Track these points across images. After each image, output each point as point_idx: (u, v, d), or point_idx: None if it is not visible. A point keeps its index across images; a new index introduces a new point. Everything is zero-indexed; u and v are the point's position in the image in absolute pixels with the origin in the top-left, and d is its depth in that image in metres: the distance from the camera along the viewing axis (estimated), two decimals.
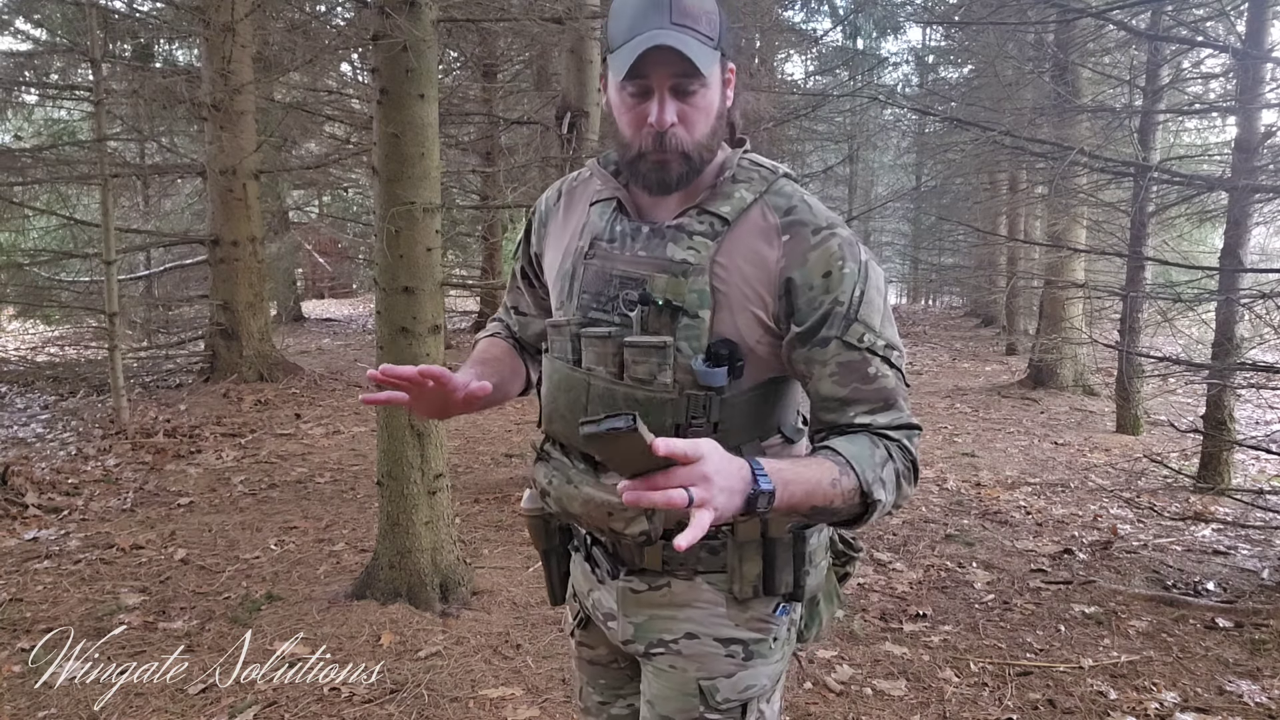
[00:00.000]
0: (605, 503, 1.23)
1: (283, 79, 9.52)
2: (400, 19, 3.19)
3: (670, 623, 1.31)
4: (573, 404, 1.28)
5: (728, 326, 1.19)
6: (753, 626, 1.29)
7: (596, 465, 1.27)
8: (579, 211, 1.36)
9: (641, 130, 1.17)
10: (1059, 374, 9.60)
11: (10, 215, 8.64)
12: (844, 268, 1.17)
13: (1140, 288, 6.39)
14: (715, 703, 1.28)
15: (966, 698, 2.88)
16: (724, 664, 1.29)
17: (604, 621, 1.40)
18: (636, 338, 1.20)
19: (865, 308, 1.18)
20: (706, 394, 1.18)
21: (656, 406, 1.19)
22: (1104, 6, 5.62)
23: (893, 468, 1.17)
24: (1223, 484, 5.36)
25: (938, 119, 11.38)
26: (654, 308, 1.19)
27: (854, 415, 1.19)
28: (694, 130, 1.17)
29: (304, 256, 16.11)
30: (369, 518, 4.59)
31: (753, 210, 1.22)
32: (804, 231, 1.19)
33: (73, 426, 6.71)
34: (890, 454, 1.17)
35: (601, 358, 1.24)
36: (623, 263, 1.24)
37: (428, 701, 2.78)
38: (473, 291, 15.30)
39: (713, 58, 1.15)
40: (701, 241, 1.20)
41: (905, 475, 1.19)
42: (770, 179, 1.25)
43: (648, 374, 1.20)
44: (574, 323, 1.28)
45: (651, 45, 1.10)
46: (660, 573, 1.30)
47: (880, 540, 4.48)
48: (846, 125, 15.31)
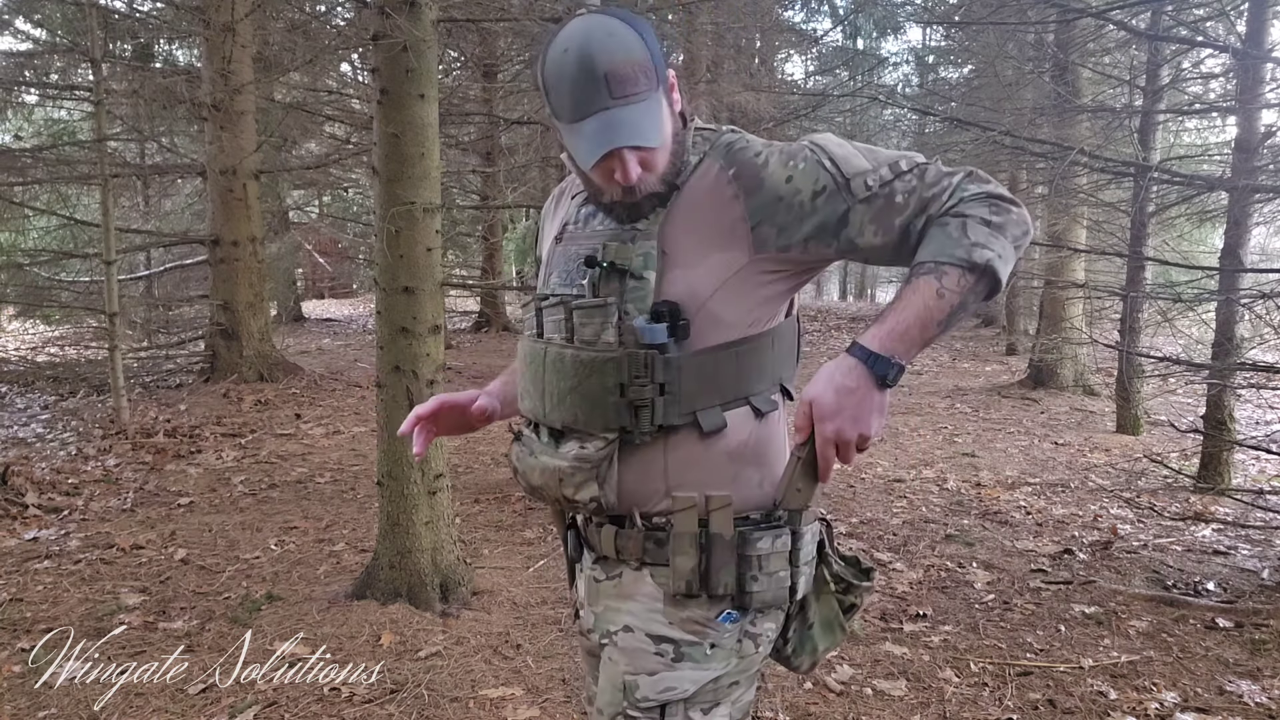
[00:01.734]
0: (557, 469, 1.27)
1: (283, 79, 9.52)
2: (400, 19, 3.19)
3: (616, 614, 1.31)
4: (535, 376, 1.32)
5: (678, 286, 1.22)
6: (687, 628, 1.25)
7: (559, 437, 1.29)
8: (563, 208, 1.42)
9: (610, 183, 1.23)
10: (1059, 374, 9.59)
11: (10, 215, 8.65)
12: (799, 164, 1.21)
13: (1140, 288, 6.38)
14: (634, 699, 1.26)
15: (966, 698, 2.88)
16: (650, 661, 1.26)
17: (581, 610, 1.42)
18: (582, 301, 1.25)
19: (845, 165, 1.20)
20: (649, 353, 1.20)
21: (599, 366, 1.22)
22: (1104, 6, 5.62)
23: (974, 225, 1.14)
24: (1223, 484, 5.36)
25: (938, 119, 11.38)
26: (601, 271, 1.23)
27: (916, 231, 1.19)
28: (657, 168, 1.23)
29: (304, 256, 16.11)
30: (369, 518, 4.59)
31: (699, 170, 1.26)
32: (747, 159, 1.24)
33: (73, 426, 6.71)
34: (964, 216, 1.15)
35: (556, 325, 1.29)
36: (583, 239, 1.30)
37: (428, 701, 2.79)
38: (473, 291, 15.31)
39: (659, 106, 1.20)
40: (652, 210, 1.25)
41: (993, 212, 1.16)
42: (713, 138, 1.29)
43: (593, 335, 1.24)
44: (539, 298, 1.34)
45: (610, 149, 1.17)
46: (616, 561, 1.31)
47: (880, 540, 4.48)
48: (846, 125, 15.30)
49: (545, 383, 1.29)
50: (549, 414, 1.29)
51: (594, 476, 1.24)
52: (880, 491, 5.49)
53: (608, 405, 1.21)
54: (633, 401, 1.21)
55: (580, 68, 1.15)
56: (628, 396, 1.20)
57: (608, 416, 1.22)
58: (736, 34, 9.18)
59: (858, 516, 4.86)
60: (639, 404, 1.20)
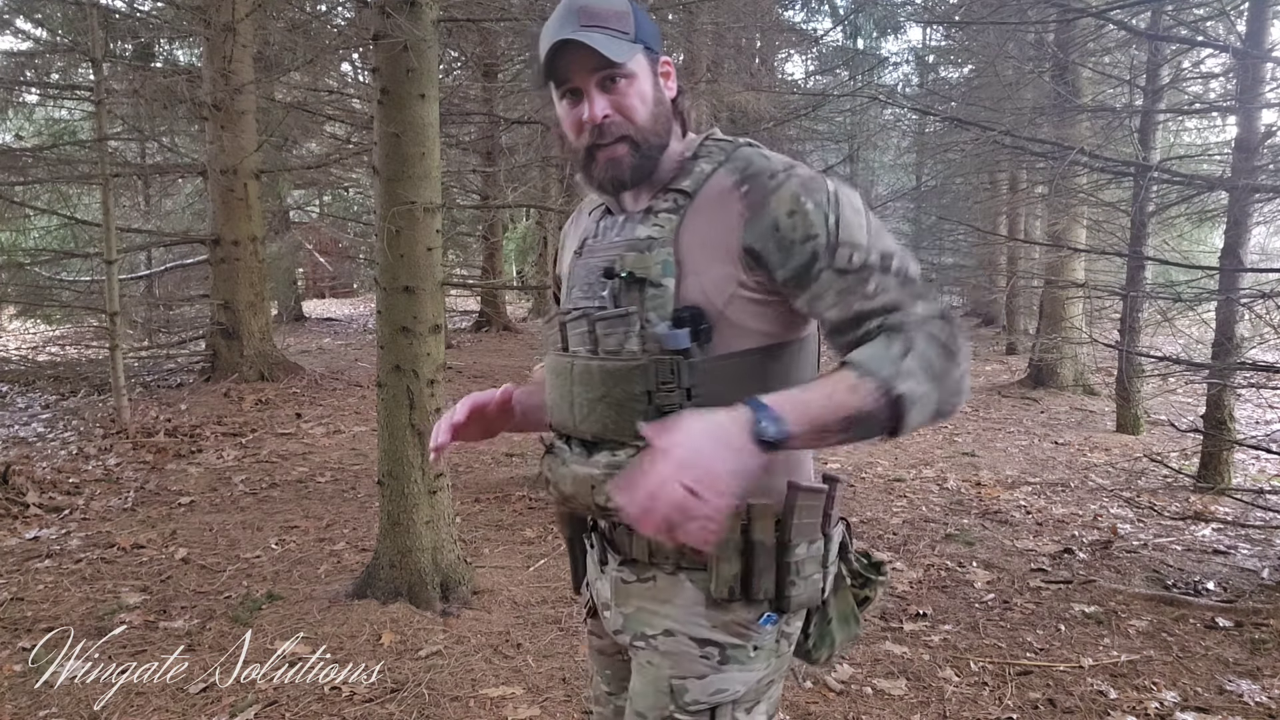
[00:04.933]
0: (589, 477, 1.27)
1: (283, 79, 9.52)
2: (401, 19, 3.19)
3: (653, 617, 1.31)
4: (562, 389, 1.32)
5: (695, 293, 1.21)
6: (731, 631, 1.27)
7: (591, 448, 1.29)
8: (582, 225, 1.44)
9: (581, 131, 1.25)
10: (1059, 373, 9.60)
11: (11, 215, 8.66)
12: (807, 203, 1.18)
13: (1140, 287, 6.38)
14: (684, 703, 1.27)
15: (966, 697, 2.88)
16: (697, 665, 1.27)
17: (603, 610, 1.42)
18: (605, 311, 1.26)
19: (844, 230, 1.17)
20: (673, 358, 1.20)
21: (625, 375, 1.23)
22: (1104, 6, 5.61)
23: (917, 356, 1.09)
24: (1223, 483, 5.36)
25: (938, 119, 11.37)
26: (621, 282, 1.24)
27: (867, 329, 1.15)
28: (633, 115, 1.24)
29: (305, 256, 16.11)
30: (370, 517, 4.60)
31: (713, 178, 1.26)
32: (761, 179, 1.21)
33: (74, 426, 6.71)
34: (912, 344, 1.10)
35: (581, 338, 1.30)
36: (601, 251, 1.31)
37: (428, 701, 2.79)
38: (473, 291, 15.31)
39: (630, 49, 1.23)
40: (666, 218, 1.25)
41: (942, 356, 1.10)
42: (730, 149, 1.28)
43: (616, 344, 1.24)
44: (561, 313, 1.35)
45: (557, 41, 1.20)
46: (647, 564, 1.31)
47: (880, 540, 4.48)
48: (847, 125, 15.28)
49: (573, 395, 1.29)
50: (579, 425, 1.29)
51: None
52: (880, 491, 5.49)
53: (636, 413, 1.21)
54: (660, 407, 1.20)
55: (563, 11, 1.23)
56: (655, 403, 1.21)
57: (637, 424, 1.21)
58: (736, 34, 9.17)
59: (858, 516, 4.87)
60: (667, 409, 1.19)
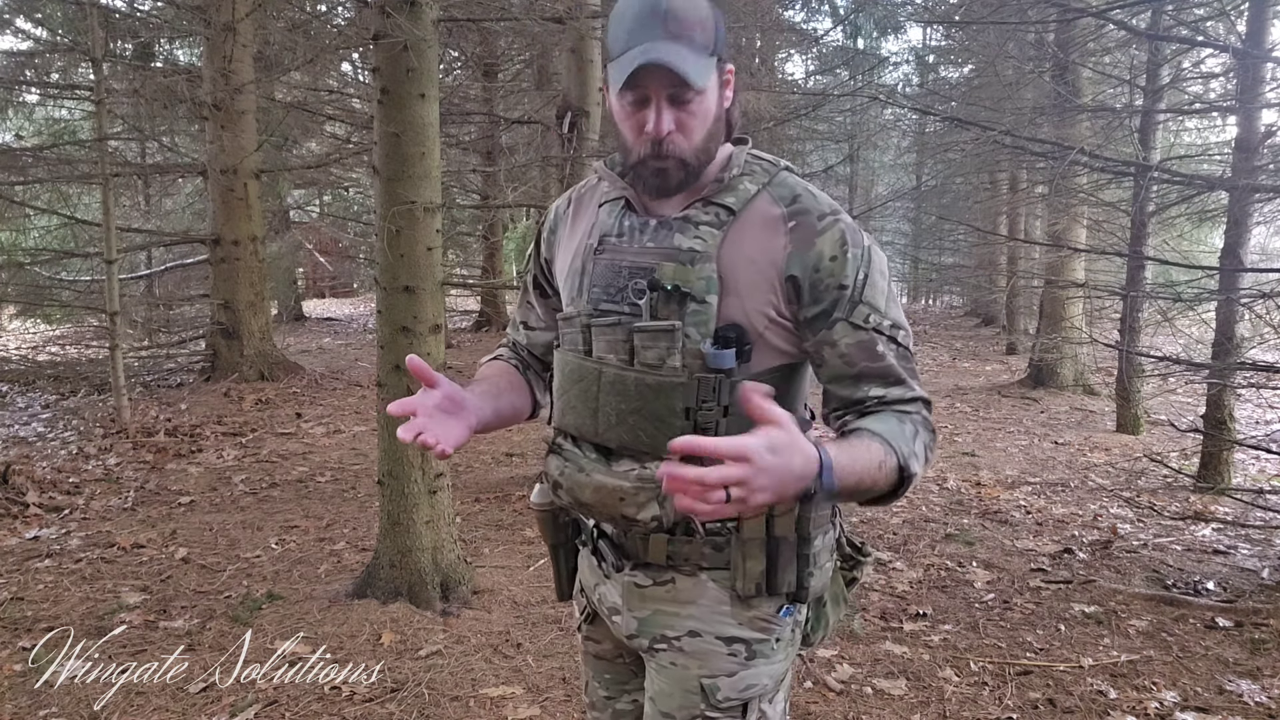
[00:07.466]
0: (617, 488, 1.26)
1: (283, 78, 9.52)
2: (401, 19, 3.19)
3: (674, 619, 1.31)
4: (584, 394, 1.30)
5: (735, 312, 1.21)
6: (756, 626, 1.30)
7: (609, 454, 1.29)
8: (588, 214, 1.39)
9: (640, 137, 1.21)
10: (1059, 373, 9.60)
11: (11, 214, 8.65)
12: (848, 252, 1.21)
13: (1140, 287, 6.39)
14: (716, 701, 1.29)
15: (966, 697, 2.88)
16: (726, 663, 1.29)
17: (609, 616, 1.41)
18: (646, 323, 1.23)
19: (869, 290, 1.22)
20: (716, 377, 1.20)
21: (666, 391, 1.22)
22: (1104, 6, 5.61)
23: (921, 440, 1.21)
24: (1223, 483, 5.36)
25: (938, 119, 11.38)
26: (662, 294, 1.22)
27: (867, 391, 1.23)
28: (691, 136, 1.21)
29: (305, 256, 16.10)
30: (370, 517, 4.60)
31: (757, 201, 1.25)
32: (809, 219, 1.23)
33: (74, 425, 6.71)
34: (918, 429, 1.22)
35: (612, 346, 1.27)
36: (631, 254, 1.27)
37: (428, 700, 2.79)
38: (473, 291, 15.30)
39: (708, 65, 1.19)
40: (708, 231, 1.23)
41: (930, 446, 1.24)
42: (773, 171, 1.28)
43: (657, 359, 1.22)
44: (584, 314, 1.30)
45: (645, 61, 1.14)
46: (665, 567, 1.31)
47: (880, 540, 4.48)
48: (847, 125, 15.29)
49: (599, 402, 1.28)
50: (602, 433, 1.28)
51: (655, 496, 1.23)
52: None
53: (674, 429, 1.21)
54: (699, 424, 1.21)
55: (646, 9, 1.17)
56: (694, 420, 1.21)
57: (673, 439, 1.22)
58: (736, 33, 9.17)
59: (858, 515, 4.87)
60: (705, 426, 1.21)
